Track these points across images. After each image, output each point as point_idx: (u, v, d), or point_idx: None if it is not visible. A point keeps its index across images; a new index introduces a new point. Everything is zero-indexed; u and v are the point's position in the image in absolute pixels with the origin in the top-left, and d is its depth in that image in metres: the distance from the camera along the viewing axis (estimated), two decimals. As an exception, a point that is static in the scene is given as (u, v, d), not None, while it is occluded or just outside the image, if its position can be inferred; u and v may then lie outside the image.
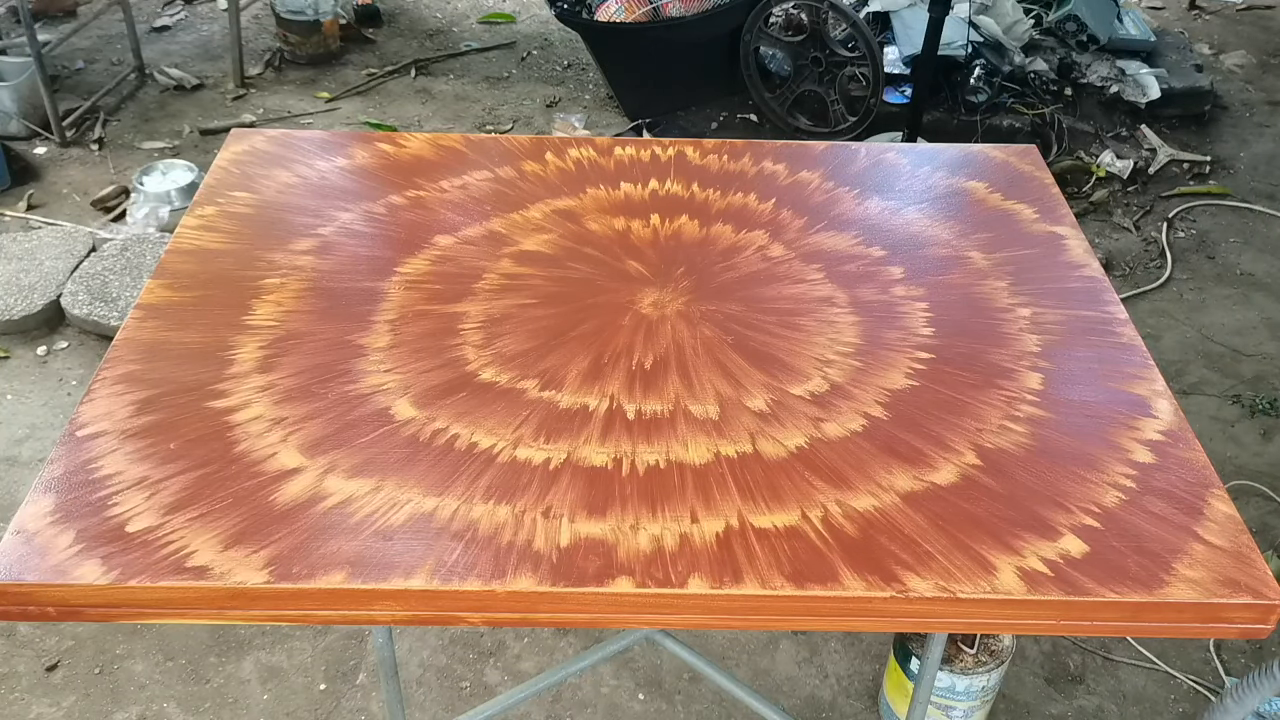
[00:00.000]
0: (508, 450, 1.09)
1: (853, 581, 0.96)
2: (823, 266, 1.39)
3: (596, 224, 1.45)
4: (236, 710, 1.93)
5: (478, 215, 1.46)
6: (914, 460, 1.10)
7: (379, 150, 1.58)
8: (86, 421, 1.11)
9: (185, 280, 1.32)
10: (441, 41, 4.21)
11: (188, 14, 4.31)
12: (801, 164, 1.59)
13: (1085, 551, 1.00)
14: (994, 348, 1.26)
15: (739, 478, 1.07)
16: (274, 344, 1.22)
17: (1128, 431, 1.14)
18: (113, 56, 3.95)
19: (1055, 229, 1.46)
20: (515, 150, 1.60)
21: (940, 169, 1.58)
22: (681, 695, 1.99)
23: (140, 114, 3.66)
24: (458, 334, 1.25)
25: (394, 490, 1.04)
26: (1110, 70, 3.78)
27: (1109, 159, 3.51)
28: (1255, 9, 4.63)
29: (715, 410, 1.15)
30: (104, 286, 2.76)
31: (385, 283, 1.33)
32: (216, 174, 1.51)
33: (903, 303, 1.33)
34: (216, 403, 1.14)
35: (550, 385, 1.18)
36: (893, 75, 3.61)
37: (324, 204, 1.46)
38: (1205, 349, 2.87)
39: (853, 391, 1.19)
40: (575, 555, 0.98)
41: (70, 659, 2.00)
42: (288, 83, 3.90)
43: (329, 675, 1.98)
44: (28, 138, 3.40)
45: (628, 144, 1.61)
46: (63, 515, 1.00)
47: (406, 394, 1.16)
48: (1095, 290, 1.35)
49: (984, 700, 1.83)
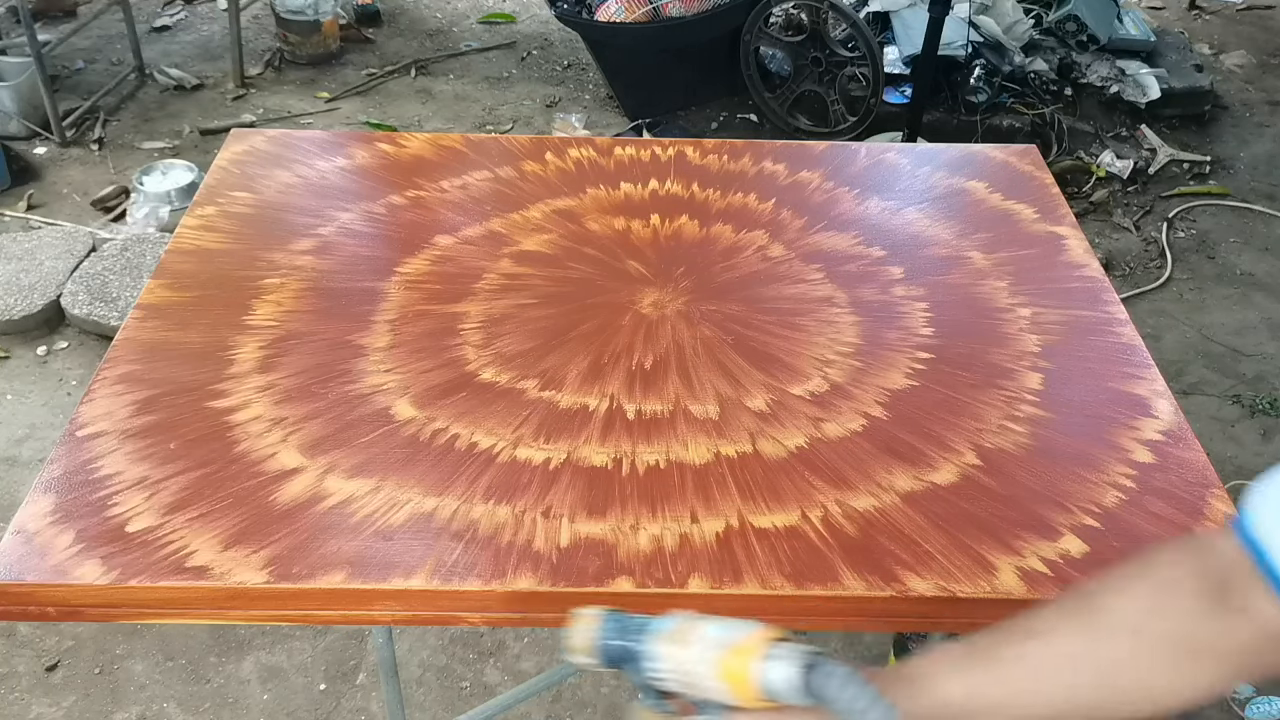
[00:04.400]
0: (508, 450, 1.09)
1: (853, 581, 0.96)
2: (823, 266, 1.38)
3: (596, 224, 1.45)
4: (236, 710, 1.93)
5: (478, 215, 1.46)
6: (914, 460, 1.10)
7: (379, 150, 1.58)
8: (86, 421, 1.11)
9: (185, 280, 1.32)
10: (441, 41, 4.21)
11: (188, 14, 4.31)
12: (801, 164, 1.58)
13: (1085, 551, 1.00)
14: (994, 348, 1.26)
15: (739, 478, 1.07)
16: (274, 344, 1.22)
17: (1128, 431, 1.14)
18: (113, 56, 3.95)
19: (1055, 229, 1.46)
20: (515, 150, 1.60)
21: (940, 169, 1.58)
22: (681, 695, 1.99)
23: (140, 114, 3.66)
24: (458, 334, 1.25)
25: (394, 490, 1.04)
26: (1110, 70, 3.78)
27: (1109, 159, 3.51)
28: (1255, 9, 4.63)
29: (715, 410, 1.15)
30: (104, 286, 2.76)
31: (385, 283, 1.33)
32: (216, 174, 1.51)
33: (903, 303, 1.33)
34: (216, 403, 1.14)
35: (550, 385, 1.18)
36: (893, 75, 3.61)
37: (324, 204, 1.46)
38: (1205, 349, 2.87)
39: (853, 391, 1.19)
40: (575, 555, 0.98)
41: (70, 659, 2.00)
42: (288, 83, 3.89)
43: (329, 675, 1.98)
44: (28, 138, 3.40)
45: (628, 144, 1.61)
46: (63, 515, 1.00)
47: (406, 394, 1.16)
48: (1095, 290, 1.35)
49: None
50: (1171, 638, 0.67)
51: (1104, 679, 0.68)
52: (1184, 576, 0.68)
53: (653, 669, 0.69)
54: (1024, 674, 0.68)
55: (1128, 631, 0.68)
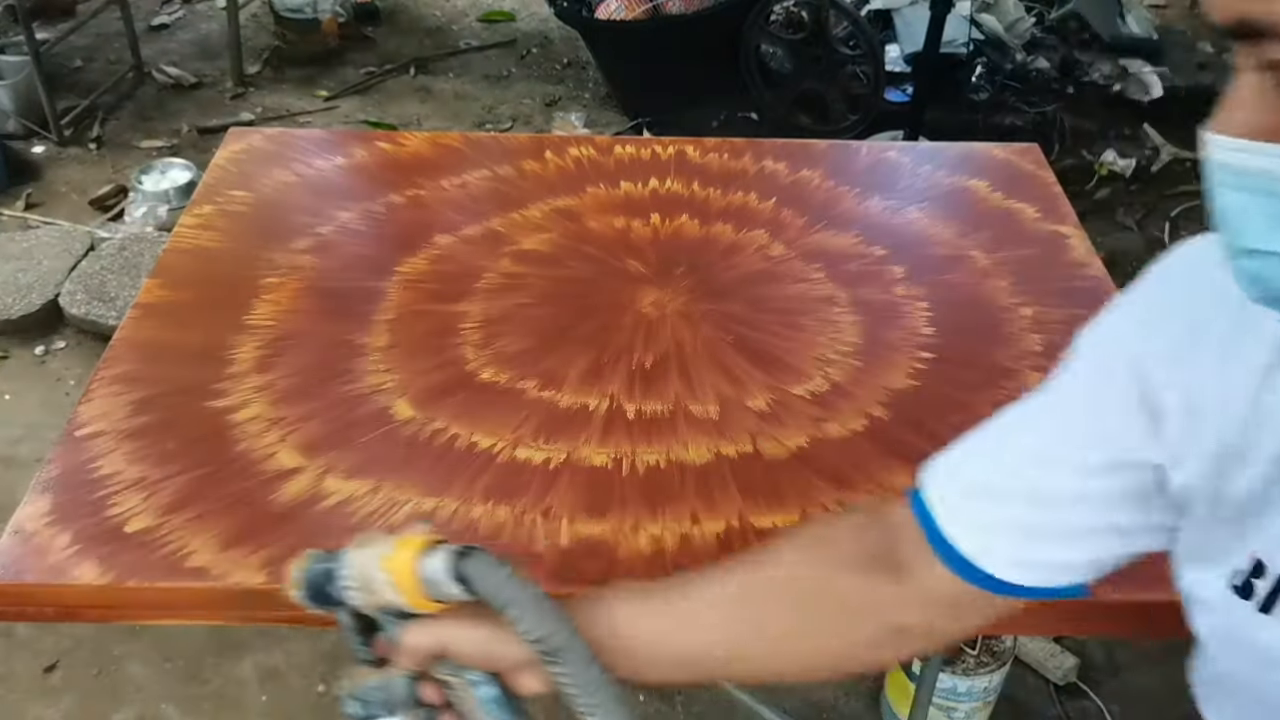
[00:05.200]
0: (507, 450, 1.09)
1: (855, 583, 0.96)
2: (824, 266, 1.38)
3: (596, 223, 1.45)
4: (235, 711, 1.92)
5: (477, 214, 1.45)
6: (916, 460, 1.08)
7: (378, 149, 1.57)
8: (85, 421, 1.10)
9: (183, 280, 1.31)
10: (440, 40, 4.20)
11: (186, 12, 4.30)
12: (802, 162, 1.58)
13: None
14: (996, 347, 1.25)
15: (740, 478, 1.06)
16: (272, 343, 1.22)
17: (1131, 431, 1.13)
18: (111, 55, 3.94)
19: (1058, 228, 1.45)
20: (515, 149, 1.60)
21: (942, 168, 1.58)
22: (682, 696, 1.98)
23: (138, 113, 3.65)
24: (457, 333, 1.25)
25: (393, 490, 1.04)
26: (1113, 68, 3.78)
27: (1112, 157, 3.50)
28: (1256, 7, 4.62)
29: (716, 410, 1.15)
30: (102, 286, 2.75)
31: (384, 282, 1.32)
32: (215, 173, 1.50)
33: (904, 302, 1.32)
34: (215, 402, 1.13)
35: (550, 385, 1.17)
36: (894, 73, 3.60)
37: (323, 203, 1.46)
38: (1206, 348, 2.86)
39: (854, 391, 1.18)
40: (575, 556, 0.98)
41: (68, 660, 1.99)
42: (286, 81, 3.88)
43: (327, 676, 1.97)
44: (25, 136, 3.39)
45: (628, 142, 1.61)
46: (61, 515, 0.99)
47: (406, 394, 1.15)
48: (1098, 290, 1.34)
49: (986, 701, 1.83)
50: (834, 596, 0.70)
51: (762, 628, 0.70)
52: (856, 539, 0.72)
53: (342, 579, 0.69)
54: (685, 610, 0.70)
55: (790, 582, 0.71)
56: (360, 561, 0.69)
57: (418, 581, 0.66)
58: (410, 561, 0.66)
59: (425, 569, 0.65)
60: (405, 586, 0.66)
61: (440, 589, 0.65)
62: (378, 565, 0.67)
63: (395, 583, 0.66)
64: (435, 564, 0.65)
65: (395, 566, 0.66)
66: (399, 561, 0.66)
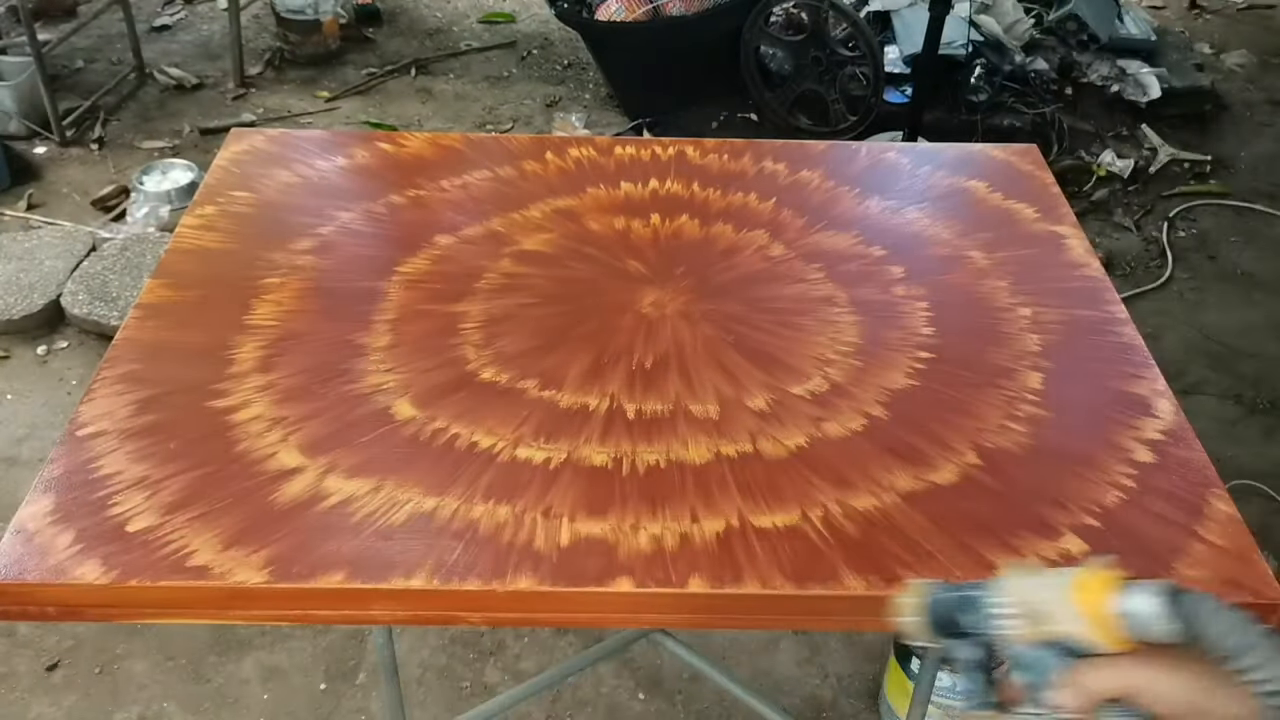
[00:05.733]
0: (508, 450, 1.09)
1: (853, 581, 0.96)
2: (823, 266, 1.38)
3: (597, 223, 1.45)
4: (237, 710, 1.93)
5: (478, 214, 1.46)
6: (914, 460, 1.10)
7: (379, 150, 1.58)
8: (86, 421, 1.11)
9: (185, 280, 1.31)
10: (441, 41, 4.21)
11: (187, 13, 4.30)
12: (802, 163, 1.58)
13: (1085, 551, 1.00)
14: (994, 347, 1.25)
15: (739, 477, 1.07)
16: (274, 343, 1.22)
17: (1128, 431, 1.14)
18: (112, 56, 3.95)
19: (1056, 228, 1.46)
20: (515, 150, 1.60)
21: (941, 168, 1.58)
22: (682, 695, 1.98)
23: (140, 113, 3.65)
24: (458, 333, 1.25)
25: (394, 490, 1.04)
26: (1111, 69, 3.78)
27: (1109, 158, 3.51)
28: (1256, 8, 4.63)
29: (715, 410, 1.15)
30: (104, 286, 2.76)
31: (385, 282, 1.33)
32: (216, 173, 1.51)
33: (903, 302, 1.32)
34: (216, 402, 1.14)
35: (550, 385, 1.18)
36: (893, 74, 3.61)
37: (324, 203, 1.46)
38: (1206, 348, 2.87)
39: (853, 391, 1.18)
40: (575, 555, 0.98)
41: (70, 659, 2.00)
42: (288, 82, 3.89)
43: (329, 675, 1.98)
44: (28, 137, 3.40)
45: (628, 143, 1.61)
46: (63, 515, 1.00)
47: (406, 393, 1.16)
48: (1096, 290, 1.35)
49: (985, 700, 1.83)
50: None
51: None
52: None
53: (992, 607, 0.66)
54: None
55: None
56: (1029, 589, 0.65)
57: (1115, 616, 0.62)
58: (1105, 594, 0.62)
59: (1129, 604, 0.61)
60: (1101, 628, 0.62)
61: (1147, 627, 0.61)
62: (1063, 595, 0.63)
63: (1088, 615, 0.62)
64: (1143, 601, 0.61)
65: (1089, 599, 0.63)
66: (1092, 593, 0.63)
